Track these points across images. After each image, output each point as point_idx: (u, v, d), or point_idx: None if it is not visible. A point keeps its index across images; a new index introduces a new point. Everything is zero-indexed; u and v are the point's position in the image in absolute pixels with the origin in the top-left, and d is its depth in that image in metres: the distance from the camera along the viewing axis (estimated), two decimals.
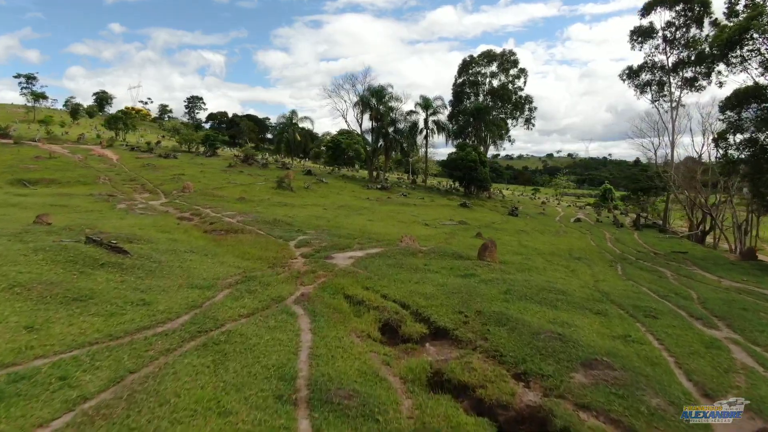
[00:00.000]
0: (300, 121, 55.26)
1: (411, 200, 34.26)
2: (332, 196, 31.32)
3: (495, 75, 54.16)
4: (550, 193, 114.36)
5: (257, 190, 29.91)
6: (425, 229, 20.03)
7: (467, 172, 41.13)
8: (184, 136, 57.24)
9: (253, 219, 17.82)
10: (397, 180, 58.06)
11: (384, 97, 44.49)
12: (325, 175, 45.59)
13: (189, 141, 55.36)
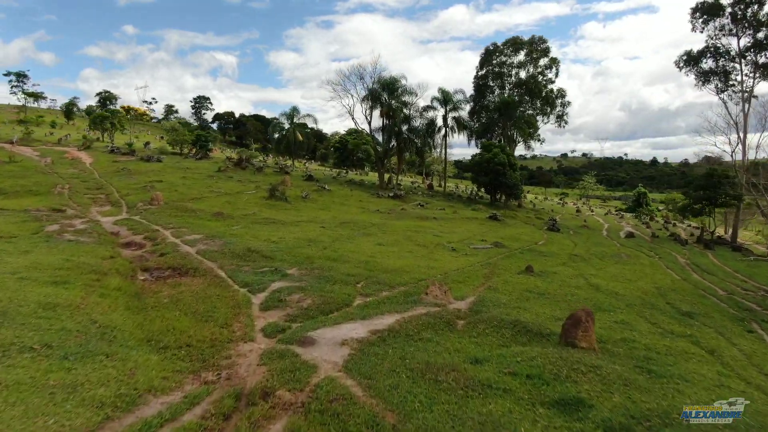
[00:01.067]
0: (302, 119, 51.17)
1: (430, 211, 29.73)
2: (335, 208, 26.95)
3: (522, 65, 49.39)
4: (572, 194, 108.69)
5: (244, 201, 25.69)
6: (454, 259, 15.50)
7: (494, 177, 36.49)
8: (174, 136, 53.50)
9: (220, 248, 13.53)
10: (411, 185, 53.51)
11: (396, 90, 40.08)
12: (329, 180, 41.27)
13: (180, 142, 51.57)
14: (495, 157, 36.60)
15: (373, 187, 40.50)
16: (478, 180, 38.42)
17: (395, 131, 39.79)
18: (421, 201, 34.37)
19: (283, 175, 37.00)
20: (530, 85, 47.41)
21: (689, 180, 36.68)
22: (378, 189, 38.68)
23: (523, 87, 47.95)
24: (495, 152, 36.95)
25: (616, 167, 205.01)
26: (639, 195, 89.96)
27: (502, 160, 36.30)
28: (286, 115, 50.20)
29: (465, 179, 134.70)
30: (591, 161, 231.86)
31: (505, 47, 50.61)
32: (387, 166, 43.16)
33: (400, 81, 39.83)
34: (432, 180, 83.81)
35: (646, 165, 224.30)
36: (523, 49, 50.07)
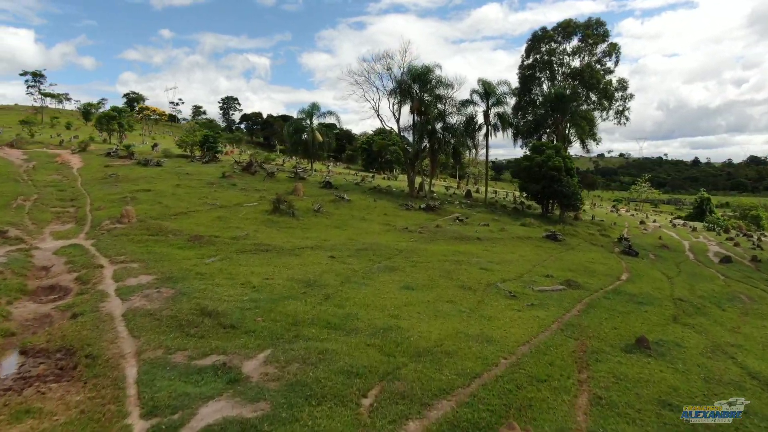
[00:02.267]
0: (322, 117, 47.20)
1: (471, 228, 24.94)
2: (353, 226, 22.58)
3: (576, 53, 43.87)
4: (606, 198, 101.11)
5: (240, 217, 21.66)
6: (517, 316, 10.80)
7: (548, 184, 31.32)
8: (182, 137, 50.57)
9: (164, 304, 9.43)
10: (445, 191, 48.66)
11: (429, 82, 35.44)
12: (350, 187, 36.98)
13: (189, 144, 48.58)
14: (548, 161, 31.44)
15: (402, 195, 35.95)
16: (526, 188, 33.30)
17: (427, 130, 35.15)
18: (458, 213, 29.58)
19: (296, 182, 32.92)
20: (585, 75, 41.81)
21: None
22: (407, 198, 34.10)
23: (577, 78, 42.38)
24: (548, 154, 31.78)
25: (656, 168, 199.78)
26: (702, 201, 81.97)
27: (556, 164, 31.11)
28: (304, 112, 46.29)
29: (500, 181, 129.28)
30: (629, 161, 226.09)
31: (555, 32, 45.20)
32: (418, 168, 38.48)
33: (434, 71, 35.23)
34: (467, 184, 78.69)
35: (687, 165, 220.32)
36: (576, 33, 44.54)
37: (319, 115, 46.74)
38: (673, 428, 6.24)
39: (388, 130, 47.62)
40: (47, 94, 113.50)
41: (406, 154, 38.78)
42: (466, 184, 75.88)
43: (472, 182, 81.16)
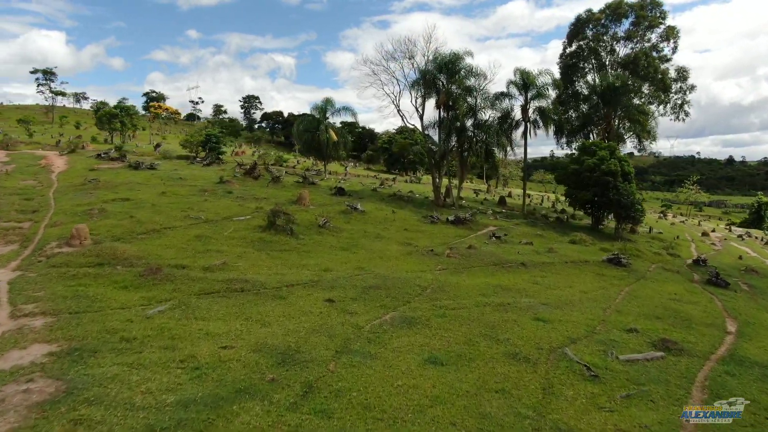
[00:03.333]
0: (337, 114, 43.63)
1: (511, 247, 20.83)
2: (363, 247, 18.77)
3: (629, 37, 39.08)
4: (655, 199, 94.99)
5: (225, 235, 18.20)
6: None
7: (601, 192, 26.93)
8: (186, 137, 47.81)
9: (21, 420, 5.58)
10: (474, 197, 44.47)
11: (458, 72, 31.46)
12: (366, 194, 33.23)
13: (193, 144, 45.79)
14: (601, 164, 27.04)
15: (426, 204, 31.99)
16: (574, 196, 28.92)
17: (456, 127, 31.10)
18: (494, 227, 25.53)
19: (303, 189, 29.34)
20: (640, 63, 37.02)
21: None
22: (432, 207, 30.17)
23: (629, 67, 37.62)
24: (602, 155, 27.36)
25: (688, 167, 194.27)
26: (759, 206, 75.38)
27: (612, 168, 26.69)
28: (317, 109, 42.77)
29: (527, 181, 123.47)
30: (660, 160, 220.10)
31: (603, 15, 40.51)
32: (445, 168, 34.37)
33: (464, 59, 31.17)
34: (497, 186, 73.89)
35: (721, 164, 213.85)
36: (628, 15, 39.80)
37: (333, 111, 43.26)
38: None
39: (410, 129, 43.48)
40: (58, 92, 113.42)
41: (431, 155, 34.76)
42: (496, 186, 71.37)
43: (501, 184, 76.53)
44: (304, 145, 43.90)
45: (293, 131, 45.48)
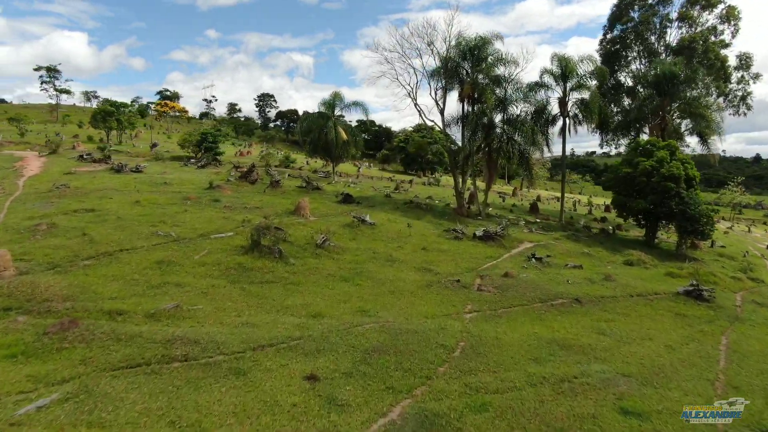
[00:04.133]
0: (346, 110, 40.13)
1: (558, 276, 16.90)
2: (370, 277, 15.13)
3: (683, 19, 34.72)
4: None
5: (195, 260, 14.80)
6: None
7: (661, 201, 22.87)
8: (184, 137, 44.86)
9: None
10: (501, 202, 40.48)
11: (485, 59, 27.65)
12: (378, 201, 29.62)
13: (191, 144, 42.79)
14: (660, 166, 22.97)
15: (447, 212, 28.21)
16: (625, 204, 24.84)
17: (482, 123, 27.21)
18: (530, 244, 21.69)
19: (304, 196, 25.88)
20: (697, 49, 32.63)
21: None
22: (454, 217, 26.41)
23: (684, 53, 33.23)
24: (660, 157, 23.25)
25: (714, 165, 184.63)
26: None
27: (674, 172, 22.61)
28: (325, 104, 39.29)
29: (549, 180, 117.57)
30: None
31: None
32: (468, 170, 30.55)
33: (492, 43, 27.33)
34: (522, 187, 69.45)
35: (747, 162, 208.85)
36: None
37: (343, 107, 39.72)
38: None
39: (429, 126, 39.32)
40: (62, 90, 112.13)
41: (453, 155, 30.95)
42: (521, 188, 67.01)
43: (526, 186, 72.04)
44: (311, 144, 40.47)
45: (297, 129, 42.13)
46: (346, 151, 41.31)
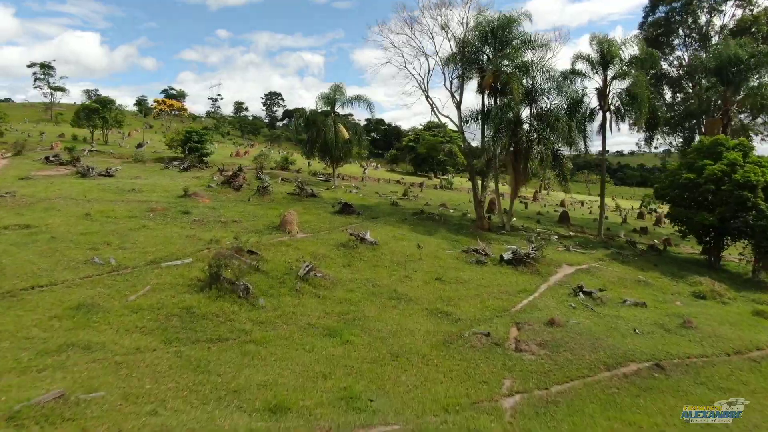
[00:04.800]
0: (348, 105, 36.40)
1: (619, 321, 12.89)
2: (365, 326, 11.42)
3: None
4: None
5: (127, 305, 11.05)
6: None
7: (732, 214, 18.87)
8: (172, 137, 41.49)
9: None
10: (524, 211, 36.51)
11: (509, 42, 23.80)
12: (382, 210, 25.89)
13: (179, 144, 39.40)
14: (732, 171, 18.98)
15: (464, 225, 24.35)
16: (685, 217, 20.80)
17: (507, 119, 23.27)
18: (571, 268, 17.79)
19: (292, 207, 22.22)
20: (762, 28, 28.40)
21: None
22: (473, 232, 22.57)
23: (745, 34, 28.99)
24: (731, 159, 19.25)
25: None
26: None
27: (750, 178, 18.58)
28: (324, 99, 35.59)
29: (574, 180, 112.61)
30: None
31: None
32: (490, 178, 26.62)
33: (519, 23, 23.47)
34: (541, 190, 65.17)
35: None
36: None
37: (344, 102, 35.98)
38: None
39: (442, 122, 34.99)
40: (57, 88, 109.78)
41: (470, 158, 27.01)
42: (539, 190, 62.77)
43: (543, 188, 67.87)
44: (308, 144, 36.76)
45: (292, 127, 38.70)
46: (348, 151, 37.55)
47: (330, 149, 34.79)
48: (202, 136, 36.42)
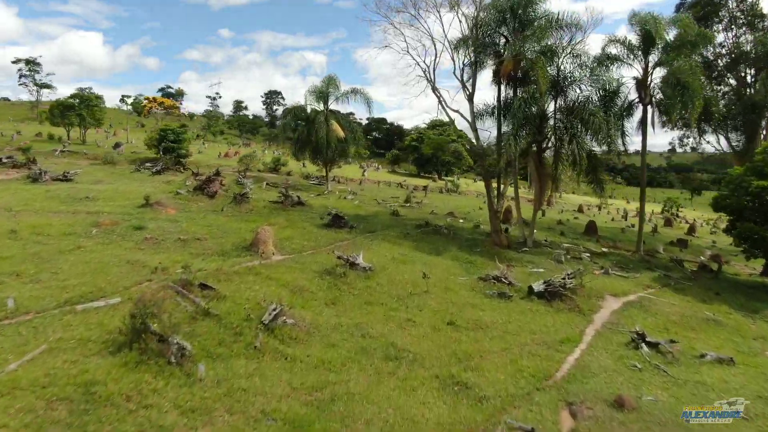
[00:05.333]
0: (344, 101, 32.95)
1: (706, 393, 9.40)
2: (346, 417, 7.77)
3: None
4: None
5: (5, 380, 7.48)
6: None
7: None
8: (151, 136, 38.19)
9: None
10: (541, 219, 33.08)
11: (532, 22, 20.33)
12: (380, 222, 22.52)
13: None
14: None
15: (478, 241, 20.86)
16: (756, 234, 17.27)
17: (531, 113, 19.71)
18: (616, 301, 14.34)
19: (269, 220, 18.87)
20: None
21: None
22: (491, 246, 19.14)
23: None
24: None
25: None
26: None
27: None
28: (316, 93, 32.17)
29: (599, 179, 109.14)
30: (704, 157, 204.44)
31: None
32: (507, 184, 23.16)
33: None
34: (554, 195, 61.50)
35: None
36: None
37: (339, 96, 32.57)
38: None
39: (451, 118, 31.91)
40: (43, 85, 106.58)
41: (482, 159, 23.45)
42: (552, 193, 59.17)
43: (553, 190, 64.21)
44: (297, 144, 33.32)
45: (278, 125, 35.58)
46: (343, 152, 34.14)
47: (322, 149, 31.34)
48: (179, 135, 33.00)
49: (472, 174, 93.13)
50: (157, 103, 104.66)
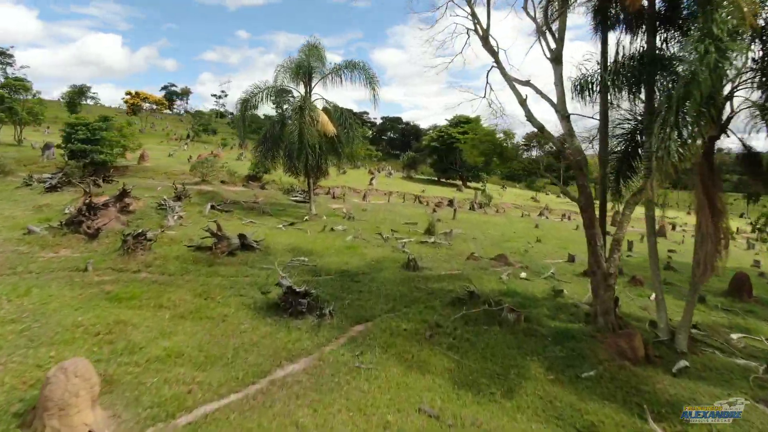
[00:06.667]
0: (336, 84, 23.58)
1: None
2: None
3: None
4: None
5: None
6: None
7: None
8: None
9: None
10: (626, 260, 23.17)
11: None
12: (384, 292, 12.96)
13: None
14: None
15: (571, 334, 11.07)
16: None
17: (708, 78, 9.79)
18: None
19: (184, 285, 9.31)
20: None
21: None
22: (610, 358, 9.50)
23: None
24: None
25: None
26: None
27: None
28: (293, 70, 22.94)
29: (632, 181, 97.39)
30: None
31: None
32: (630, 208, 13.00)
33: None
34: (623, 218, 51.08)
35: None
36: None
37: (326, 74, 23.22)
38: None
39: (514, 91, 21.37)
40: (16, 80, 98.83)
41: (582, 169, 13.01)
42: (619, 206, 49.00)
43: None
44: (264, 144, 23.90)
45: (236, 119, 26.90)
46: (335, 155, 24.52)
47: (295, 153, 21.68)
48: (95, 132, 23.58)
49: (502, 178, 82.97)
50: (141, 98, 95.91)
